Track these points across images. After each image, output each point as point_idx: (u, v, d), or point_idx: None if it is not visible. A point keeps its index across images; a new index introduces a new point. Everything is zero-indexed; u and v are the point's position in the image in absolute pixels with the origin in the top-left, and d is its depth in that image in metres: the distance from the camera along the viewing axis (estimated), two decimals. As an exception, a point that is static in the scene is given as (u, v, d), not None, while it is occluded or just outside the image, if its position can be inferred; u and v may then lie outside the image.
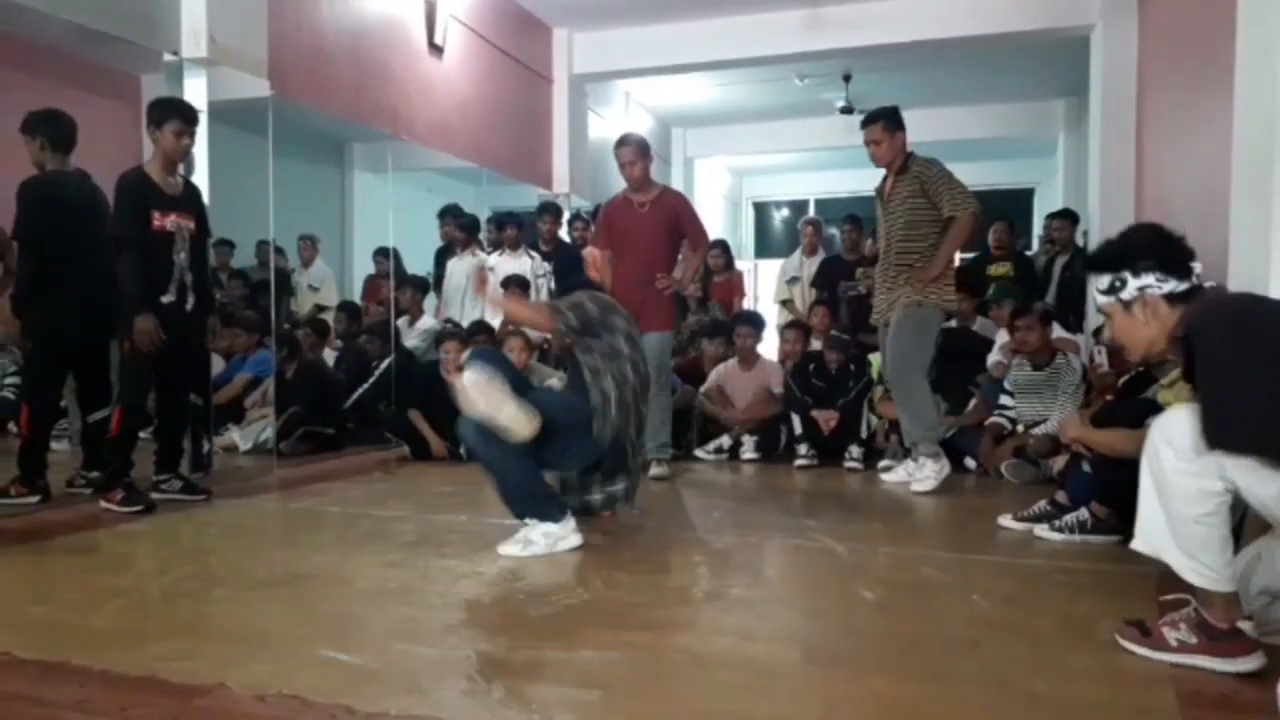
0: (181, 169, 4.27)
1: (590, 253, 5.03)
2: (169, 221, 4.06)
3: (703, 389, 6.10)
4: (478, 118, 7.93)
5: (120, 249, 3.96)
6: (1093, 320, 6.28)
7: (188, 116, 4.13)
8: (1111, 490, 3.25)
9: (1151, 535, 2.16)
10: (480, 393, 3.06)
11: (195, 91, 4.87)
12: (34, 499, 4.07)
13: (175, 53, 4.87)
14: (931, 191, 4.49)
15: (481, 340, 6.11)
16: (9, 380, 6.24)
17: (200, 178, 4.80)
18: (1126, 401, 3.78)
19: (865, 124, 4.67)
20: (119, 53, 5.03)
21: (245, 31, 5.15)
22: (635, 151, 5.00)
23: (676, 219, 5.06)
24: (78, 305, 4.11)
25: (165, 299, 4.05)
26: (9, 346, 6.14)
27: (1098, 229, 7.23)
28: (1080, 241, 7.43)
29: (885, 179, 4.76)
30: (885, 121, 4.60)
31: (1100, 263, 2.33)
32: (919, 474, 4.56)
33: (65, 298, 4.11)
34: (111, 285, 3.97)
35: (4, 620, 2.50)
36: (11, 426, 5.90)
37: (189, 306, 4.15)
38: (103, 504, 3.92)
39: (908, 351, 4.56)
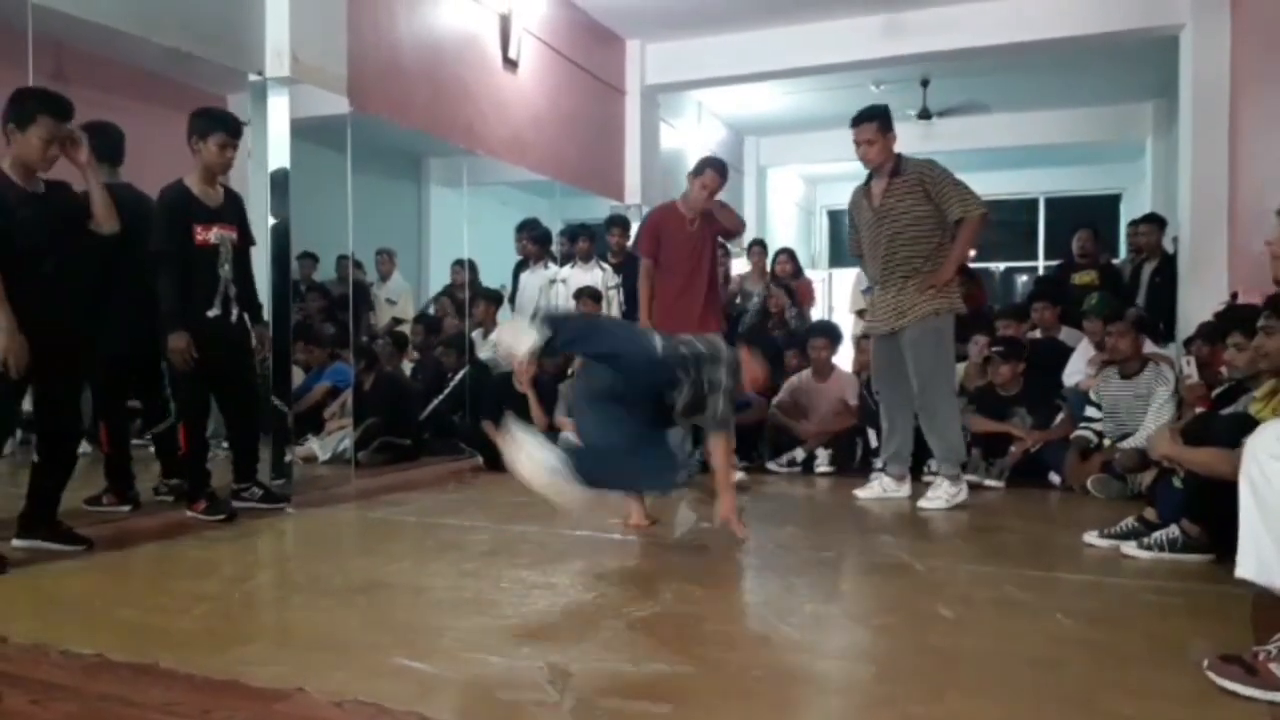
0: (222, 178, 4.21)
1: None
2: (212, 234, 4.04)
3: (775, 400, 6.04)
4: (551, 131, 8.01)
5: (158, 266, 3.95)
6: (1184, 330, 6.06)
7: (232, 129, 4.10)
8: (1205, 508, 3.12)
9: (1260, 561, 2.03)
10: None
11: (278, 110, 5.01)
12: (125, 508, 4.21)
13: (260, 72, 5.01)
14: (936, 193, 4.37)
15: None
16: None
17: (283, 193, 4.94)
18: (1219, 415, 3.62)
19: (857, 123, 4.52)
20: (206, 74, 5.20)
21: (326, 50, 5.29)
22: (722, 182, 4.99)
23: (713, 227, 5.13)
24: (130, 318, 4.14)
25: (210, 313, 4.04)
26: None
27: (1189, 235, 6.98)
28: (1170, 248, 7.18)
29: (869, 182, 4.63)
30: (879, 121, 4.47)
31: None
32: (932, 493, 4.46)
33: (121, 312, 4.14)
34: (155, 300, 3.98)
35: (96, 622, 2.60)
36: (86, 445, 6.15)
37: (234, 318, 4.15)
38: (188, 512, 4.05)
39: (935, 368, 4.45)
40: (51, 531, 3.42)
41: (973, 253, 4.75)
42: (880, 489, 4.71)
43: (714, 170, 4.98)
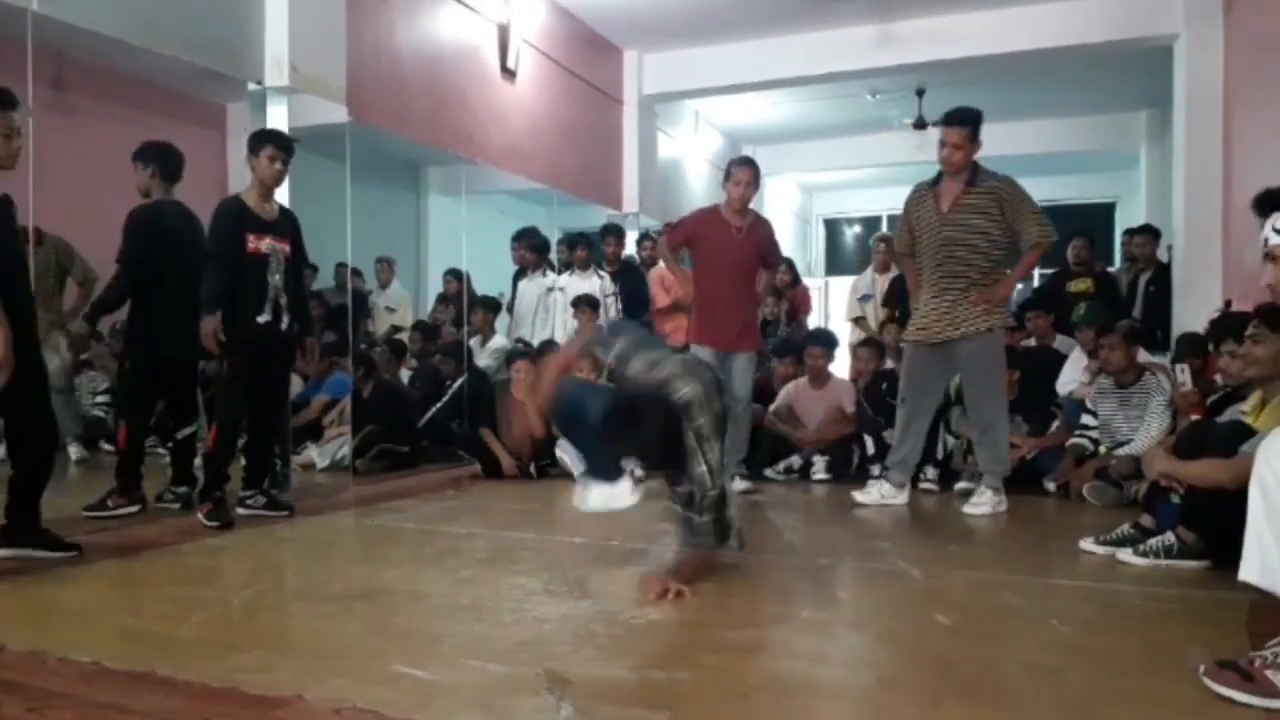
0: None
1: (657, 275, 5.06)
2: (264, 244, 4.20)
3: (772, 408, 6.05)
4: (549, 140, 8.03)
5: (208, 265, 4.11)
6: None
7: (281, 144, 4.29)
8: (1201, 514, 3.14)
9: (1265, 565, 2.03)
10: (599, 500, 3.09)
11: (277, 119, 5.04)
12: (132, 509, 4.23)
13: (259, 82, 5.04)
14: (1011, 212, 4.32)
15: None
16: (99, 399, 6.51)
17: (282, 202, 4.95)
18: (1215, 423, 3.64)
19: (948, 123, 4.43)
20: (207, 83, 5.23)
21: (325, 60, 5.31)
22: (754, 175, 4.97)
23: (762, 244, 5.08)
24: (171, 327, 4.26)
25: (261, 319, 4.18)
26: (94, 364, 6.40)
27: (1183, 244, 7.01)
28: (1164, 258, 7.21)
29: (940, 182, 4.52)
30: (971, 128, 4.41)
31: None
32: (978, 499, 4.49)
33: (161, 320, 4.29)
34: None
35: (96, 630, 2.60)
36: (104, 444, 6.17)
37: (284, 326, 4.28)
38: (198, 514, 4.07)
39: (993, 382, 4.48)
40: (38, 539, 3.40)
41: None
42: (879, 495, 4.71)
43: (745, 167, 4.97)
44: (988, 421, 4.51)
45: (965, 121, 4.41)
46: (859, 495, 4.77)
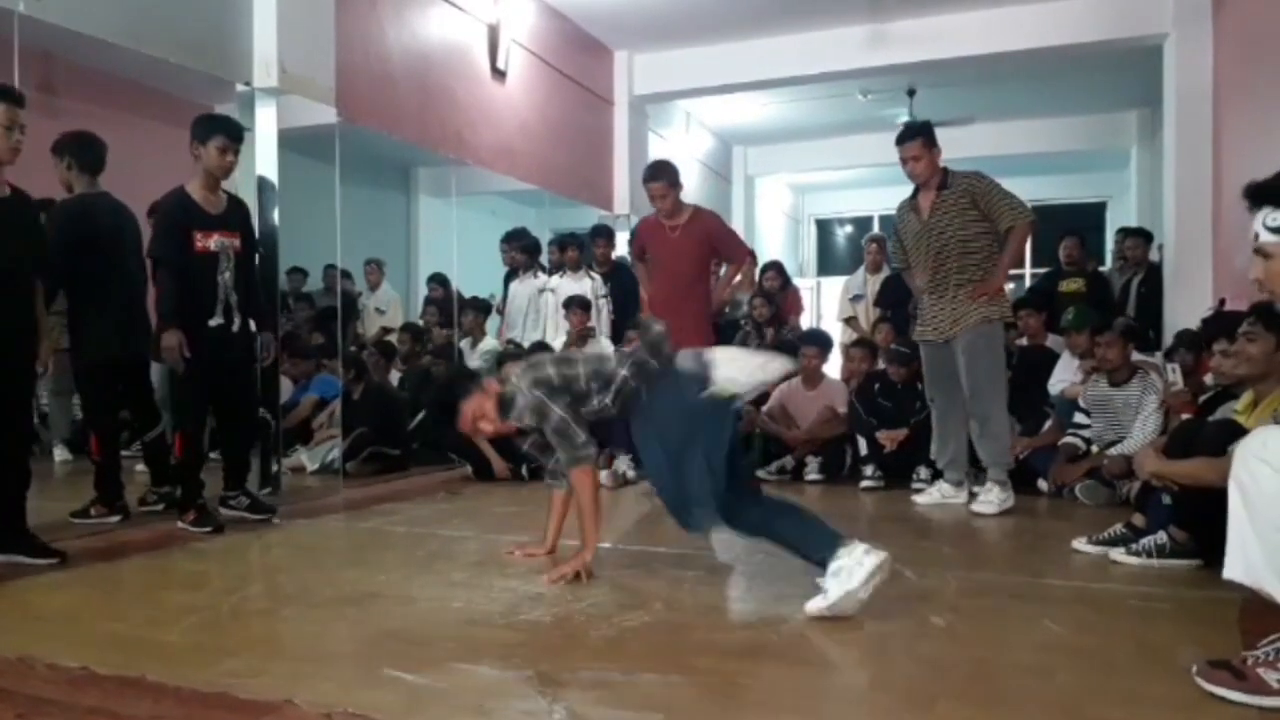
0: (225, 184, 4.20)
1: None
2: (212, 241, 4.01)
3: (765, 409, 6.05)
4: (540, 141, 8.02)
5: (157, 269, 3.95)
6: (1169, 339, 6.11)
7: (233, 133, 4.07)
8: (1192, 514, 3.14)
9: (1248, 563, 2.03)
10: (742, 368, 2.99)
11: (266, 120, 5.01)
12: (114, 519, 4.18)
13: (247, 83, 5.01)
14: (985, 203, 4.46)
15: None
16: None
17: (271, 204, 4.93)
18: (1206, 422, 3.65)
19: (903, 140, 4.59)
20: (194, 84, 5.20)
21: (314, 60, 5.29)
22: (665, 187, 5.01)
23: (708, 239, 5.10)
24: (111, 326, 4.13)
25: (212, 322, 4.01)
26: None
27: (1173, 242, 7.03)
28: (1155, 258, 7.23)
29: (916, 196, 4.69)
30: (924, 138, 4.54)
31: (1273, 193, 2.13)
32: (985, 497, 4.51)
33: (99, 320, 4.14)
34: (146, 306, 3.98)
35: (83, 635, 2.58)
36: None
37: (235, 328, 4.11)
38: (179, 523, 4.03)
39: (988, 374, 4.51)
40: (24, 544, 3.37)
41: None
42: (939, 495, 4.76)
43: (654, 182, 5.02)
44: (986, 413, 4.54)
45: (915, 134, 4.58)
46: (919, 499, 4.82)
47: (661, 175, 5.04)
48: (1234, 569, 2.07)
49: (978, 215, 4.47)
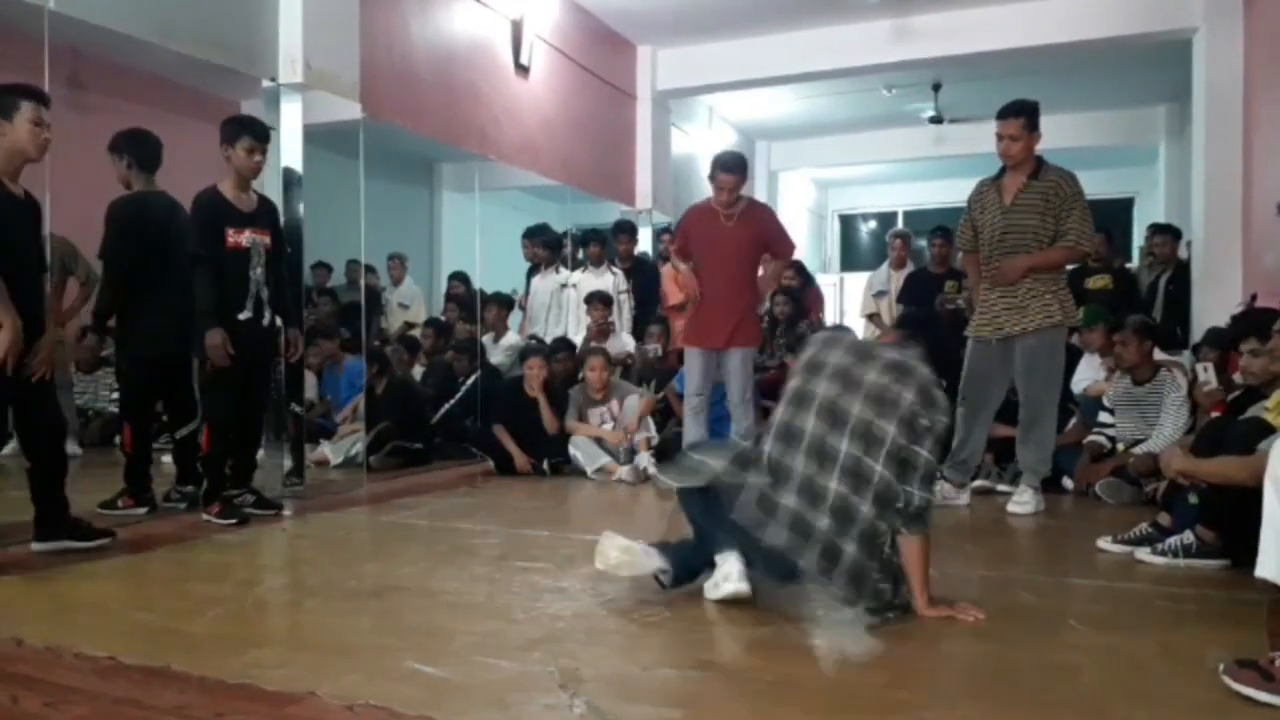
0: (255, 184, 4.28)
1: (669, 271, 4.99)
2: (243, 238, 4.11)
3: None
4: (563, 136, 8.03)
5: (195, 267, 4.02)
6: (1197, 336, 6.03)
7: (259, 134, 4.16)
8: (1220, 513, 3.10)
9: None
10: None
11: (291, 115, 5.03)
12: (141, 510, 4.22)
13: (273, 79, 5.04)
14: (1064, 210, 4.27)
15: (562, 358, 6.19)
16: (115, 395, 6.55)
17: (296, 199, 4.96)
18: (1235, 420, 3.60)
19: (1004, 116, 4.37)
20: (220, 80, 5.24)
21: (339, 56, 5.31)
22: (739, 180, 4.81)
23: (762, 232, 4.94)
24: (165, 322, 4.19)
25: (242, 315, 4.10)
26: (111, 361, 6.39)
27: (1202, 239, 6.95)
28: (1184, 254, 7.14)
29: (1002, 176, 4.46)
30: (1027, 118, 4.33)
31: None
32: (1019, 497, 4.42)
33: (153, 315, 4.21)
34: (192, 302, 4.03)
35: (110, 626, 2.61)
36: (118, 439, 6.20)
37: (265, 322, 4.21)
38: (204, 516, 4.07)
39: (1047, 380, 4.39)
40: (71, 530, 3.44)
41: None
42: (940, 496, 4.51)
43: (728, 173, 4.79)
44: (1036, 417, 4.41)
45: (1019, 112, 4.34)
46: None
47: (738, 168, 4.83)
48: (1267, 568, 2.05)
49: (1049, 218, 4.28)
